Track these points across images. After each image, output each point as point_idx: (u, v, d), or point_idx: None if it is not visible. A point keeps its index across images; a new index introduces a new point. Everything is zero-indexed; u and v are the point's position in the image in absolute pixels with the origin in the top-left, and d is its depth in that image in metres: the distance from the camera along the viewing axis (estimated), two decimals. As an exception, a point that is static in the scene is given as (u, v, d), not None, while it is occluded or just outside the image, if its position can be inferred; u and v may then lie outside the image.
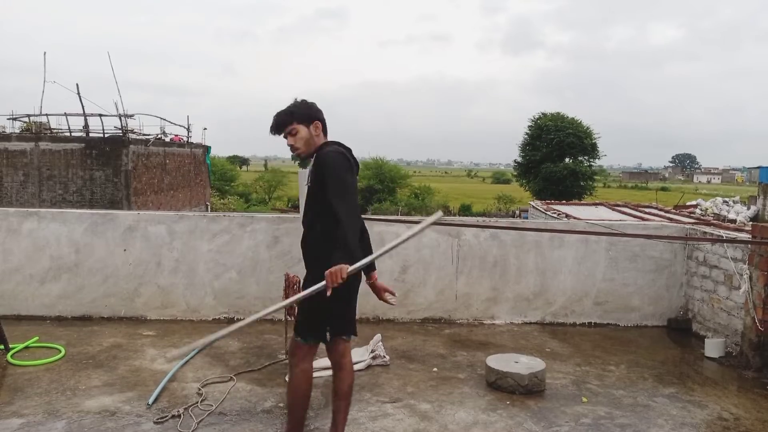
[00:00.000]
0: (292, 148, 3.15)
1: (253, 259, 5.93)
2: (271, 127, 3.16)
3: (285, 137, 3.15)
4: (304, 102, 3.18)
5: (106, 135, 21.76)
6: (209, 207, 29.67)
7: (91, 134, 21.81)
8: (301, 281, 3.26)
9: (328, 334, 3.11)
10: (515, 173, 51.83)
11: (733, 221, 10.61)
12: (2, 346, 4.74)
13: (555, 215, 13.12)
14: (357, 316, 3.31)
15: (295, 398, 3.18)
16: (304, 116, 3.12)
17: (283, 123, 3.13)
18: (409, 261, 6.01)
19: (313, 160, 3.16)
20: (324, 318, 3.08)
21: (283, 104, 3.19)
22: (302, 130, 3.11)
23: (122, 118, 22.16)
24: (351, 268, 2.75)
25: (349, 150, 3.15)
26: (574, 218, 10.89)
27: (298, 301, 2.94)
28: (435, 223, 3.23)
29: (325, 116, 3.21)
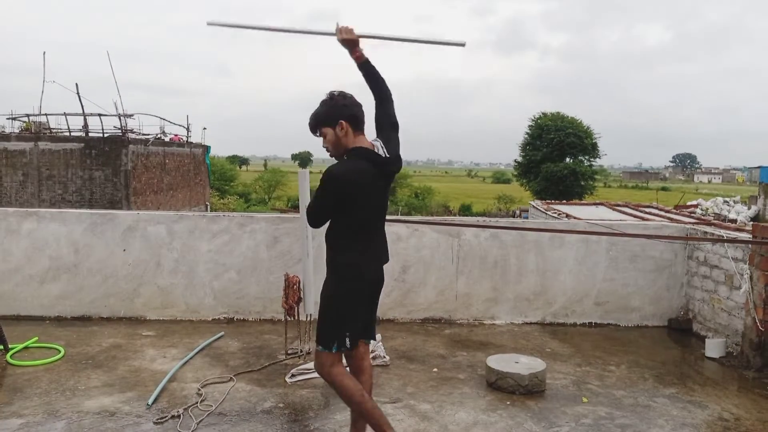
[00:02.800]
0: (326, 150, 3.13)
1: (253, 259, 5.92)
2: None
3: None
4: (331, 99, 3.07)
5: (106, 135, 21.74)
6: (209, 207, 29.66)
7: (90, 134, 21.80)
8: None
9: (347, 339, 3.08)
10: (515, 173, 51.82)
11: (734, 221, 10.60)
12: (2, 347, 4.73)
13: (555, 215, 13.11)
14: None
15: (351, 400, 3.09)
16: (328, 118, 3.04)
17: (311, 127, 3.11)
18: (409, 261, 6.01)
19: None
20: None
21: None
22: (329, 133, 3.04)
23: (122, 118, 22.15)
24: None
25: (370, 159, 3.02)
26: (575, 218, 10.88)
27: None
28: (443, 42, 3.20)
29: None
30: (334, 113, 3.02)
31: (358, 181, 2.99)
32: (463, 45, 3.19)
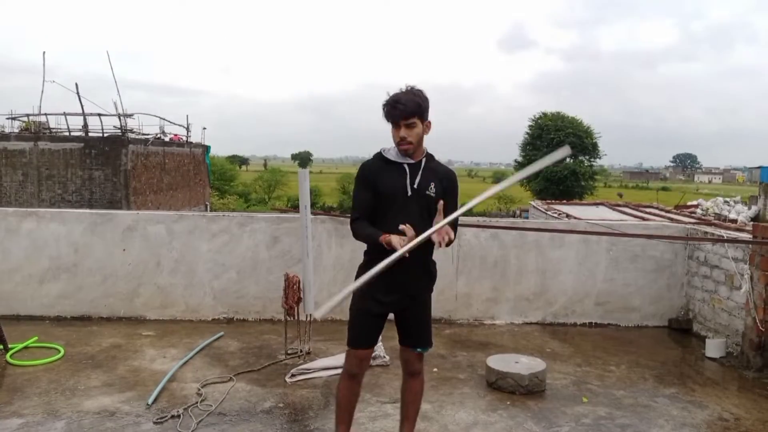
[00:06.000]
0: (403, 141, 2.89)
1: (253, 259, 5.92)
2: (393, 111, 2.85)
3: (398, 126, 2.88)
4: (423, 95, 2.91)
5: (106, 135, 21.73)
6: (209, 207, 29.65)
7: (90, 134, 21.78)
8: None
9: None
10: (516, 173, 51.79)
11: (734, 221, 10.58)
12: (1, 346, 4.73)
13: (555, 215, 13.10)
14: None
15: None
16: (427, 110, 2.91)
17: (410, 111, 2.85)
18: (409, 261, 5.99)
19: (423, 162, 2.98)
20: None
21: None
22: (419, 126, 2.90)
23: (121, 118, 22.13)
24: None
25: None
26: (575, 218, 10.87)
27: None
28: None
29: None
30: (428, 108, 2.92)
31: None
32: (569, 153, 3.13)
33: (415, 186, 2.95)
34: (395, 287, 2.99)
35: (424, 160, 3.00)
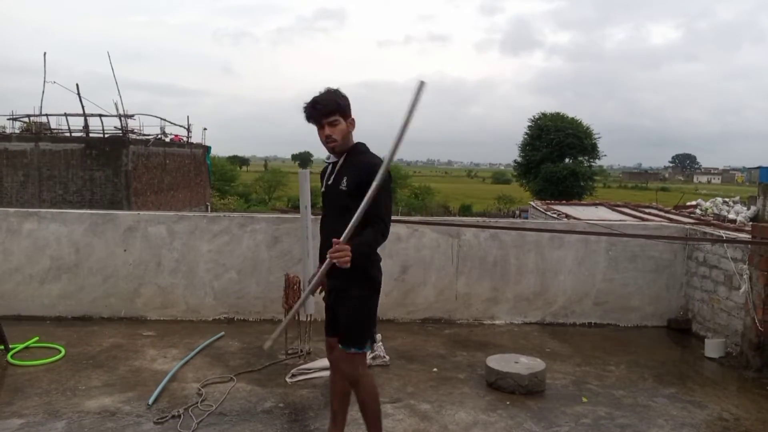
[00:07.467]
0: (329, 139, 2.95)
1: (253, 259, 5.93)
2: (313, 112, 2.94)
3: (321, 126, 2.96)
4: (342, 93, 2.99)
5: (106, 135, 21.75)
6: (209, 207, 29.65)
7: (91, 134, 21.80)
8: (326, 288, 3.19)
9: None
10: (515, 173, 51.81)
11: (733, 221, 10.59)
12: (2, 346, 4.74)
13: (555, 215, 13.11)
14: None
15: (375, 401, 3.17)
16: (347, 108, 2.98)
17: (328, 111, 2.92)
18: (409, 261, 6.01)
19: (343, 158, 3.01)
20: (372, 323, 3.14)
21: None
22: (342, 123, 2.96)
23: (122, 119, 22.16)
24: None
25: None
26: (574, 218, 10.89)
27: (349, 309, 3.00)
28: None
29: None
30: (349, 106, 3.00)
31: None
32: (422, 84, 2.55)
33: (330, 182, 3.03)
34: (328, 282, 3.10)
35: (344, 155, 3.02)
